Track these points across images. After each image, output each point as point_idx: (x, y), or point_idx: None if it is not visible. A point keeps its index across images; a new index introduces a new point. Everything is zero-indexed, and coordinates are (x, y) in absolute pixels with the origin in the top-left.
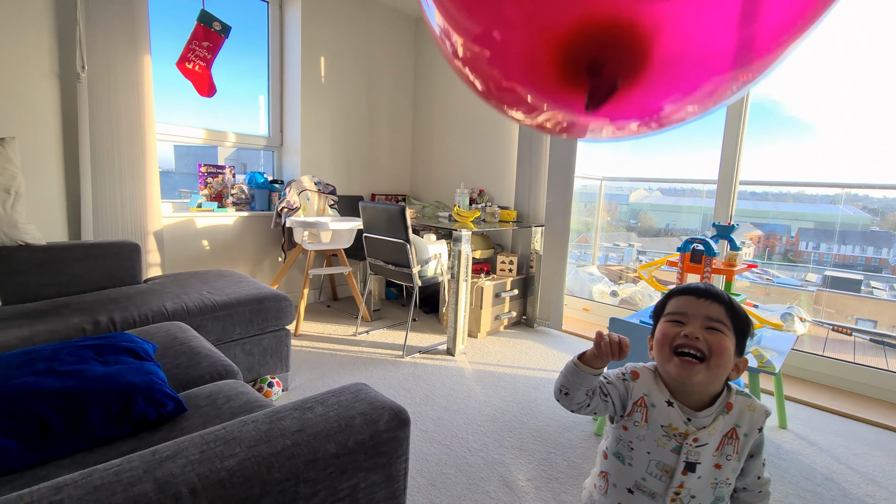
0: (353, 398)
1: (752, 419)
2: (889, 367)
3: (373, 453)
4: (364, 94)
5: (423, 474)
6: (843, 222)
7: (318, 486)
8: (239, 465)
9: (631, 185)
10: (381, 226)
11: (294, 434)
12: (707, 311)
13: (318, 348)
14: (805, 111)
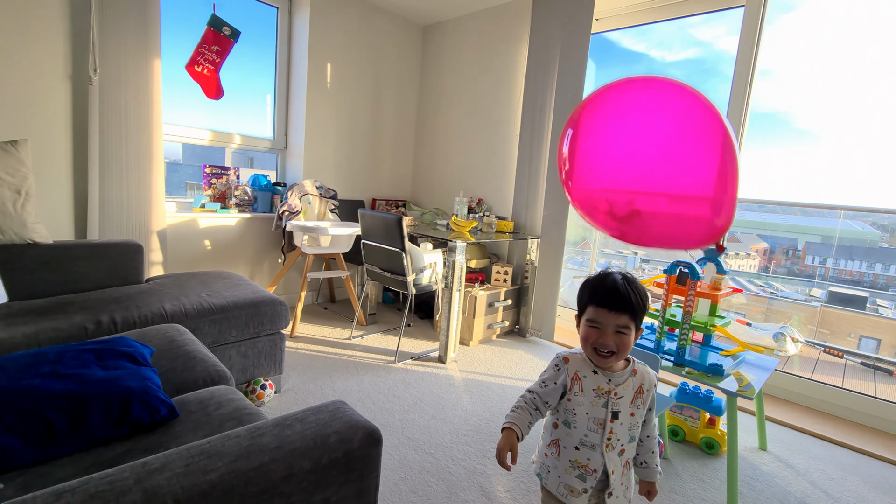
0: (330, 417)
1: (650, 379)
2: (877, 393)
3: (345, 469)
4: (369, 101)
5: (405, 482)
6: (853, 238)
7: (292, 498)
8: (220, 479)
9: None
10: (378, 233)
11: (272, 451)
12: (617, 321)
13: (312, 351)
14: (815, 123)
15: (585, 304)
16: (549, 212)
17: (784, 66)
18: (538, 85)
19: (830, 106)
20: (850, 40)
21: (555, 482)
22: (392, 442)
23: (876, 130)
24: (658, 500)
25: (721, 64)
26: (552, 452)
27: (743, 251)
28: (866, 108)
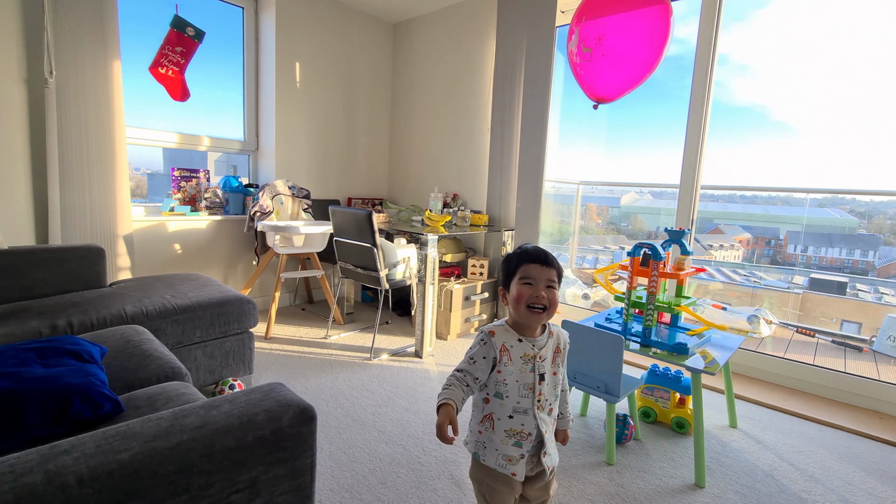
0: (262, 397)
1: (564, 338)
2: (846, 368)
3: (275, 448)
4: (341, 100)
5: (374, 473)
6: (832, 225)
7: (213, 477)
8: (131, 459)
9: (621, 189)
10: (349, 230)
11: (193, 430)
12: (547, 275)
13: (287, 351)
14: (791, 115)
15: (515, 267)
16: (521, 204)
17: (760, 61)
18: (506, 78)
19: (804, 98)
20: (822, 33)
21: (493, 456)
22: (363, 436)
23: (846, 122)
24: (629, 479)
25: (699, 60)
26: (486, 427)
27: (727, 242)
28: (837, 100)
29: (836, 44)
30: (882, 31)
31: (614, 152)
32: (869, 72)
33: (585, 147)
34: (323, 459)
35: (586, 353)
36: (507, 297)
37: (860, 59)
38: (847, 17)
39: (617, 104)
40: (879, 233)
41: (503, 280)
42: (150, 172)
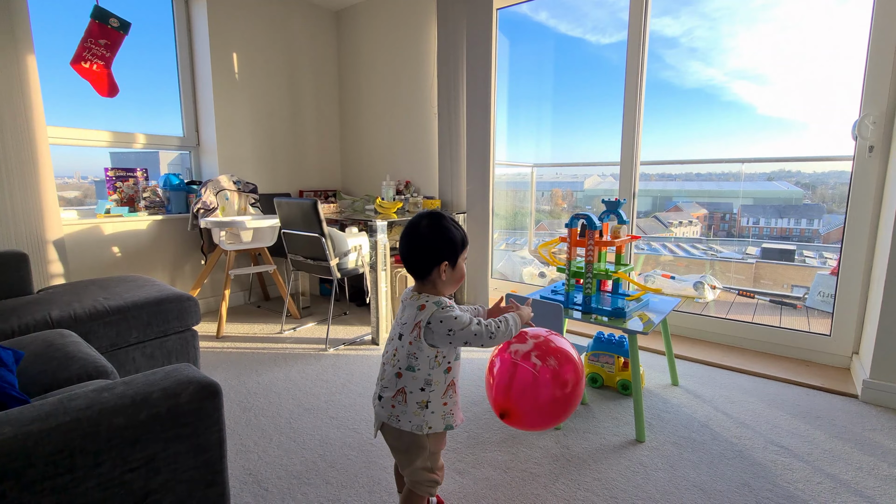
0: (163, 376)
1: None
2: (781, 324)
3: (173, 424)
4: (285, 90)
5: (324, 458)
6: (780, 197)
7: (101, 457)
8: (1, 442)
9: (584, 173)
10: (297, 221)
11: (77, 411)
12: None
13: (239, 348)
14: (740, 95)
15: (462, 247)
16: (472, 186)
17: (711, 44)
18: (450, 62)
19: (752, 78)
20: (770, 17)
21: (457, 416)
22: (314, 423)
23: (790, 101)
24: (574, 441)
25: (653, 45)
26: (450, 394)
27: (685, 219)
28: (781, 80)
29: (784, 25)
30: (824, 13)
31: (565, 135)
32: (810, 51)
33: (536, 131)
34: (272, 449)
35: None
36: (448, 270)
37: (803, 40)
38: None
39: (566, 87)
40: (822, 202)
41: (447, 253)
42: (97, 180)
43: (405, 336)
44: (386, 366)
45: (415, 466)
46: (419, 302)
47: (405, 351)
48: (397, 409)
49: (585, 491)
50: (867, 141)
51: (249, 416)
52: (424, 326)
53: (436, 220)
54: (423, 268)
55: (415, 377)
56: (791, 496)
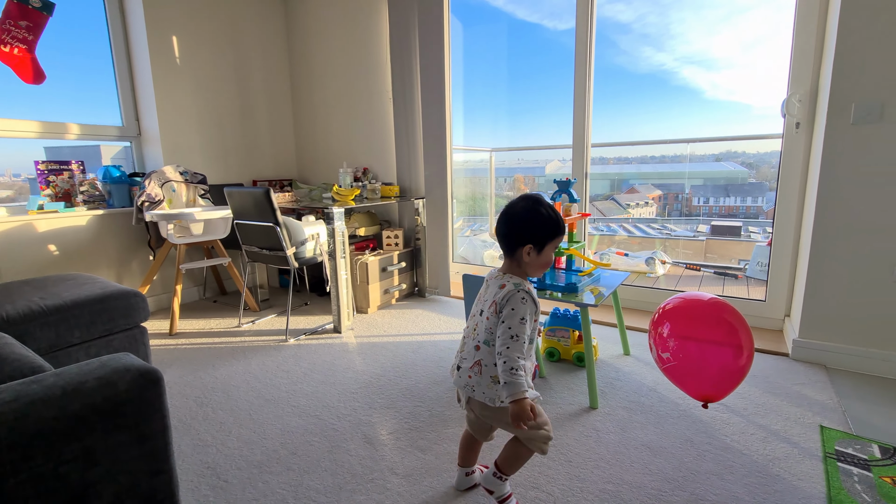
0: (98, 366)
1: None
2: (724, 293)
3: (111, 414)
4: (232, 76)
5: (285, 446)
6: (727, 177)
7: (31, 450)
8: None
9: (545, 158)
10: (249, 211)
11: (3, 404)
12: None
13: (195, 344)
14: (689, 80)
15: (554, 234)
16: (429, 171)
17: (662, 30)
18: (403, 46)
19: (700, 63)
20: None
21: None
22: (275, 413)
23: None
24: None
25: (607, 30)
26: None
27: (641, 200)
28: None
29: (730, 12)
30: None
31: (524, 120)
32: (753, 37)
33: (495, 116)
34: (231, 441)
35: None
36: (532, 254)
37: (746, 26)
38: None
39: (525, 72)
40: (766, 180)
41: (533, 238)
42: (31, 178)
43: (485, 312)
44: (467, 339)
45: (527, 427)
46: (501, 281)
47: (484, 326)
48: (473, 379)
49: (542, 457)
50: (794, 118)
51: (207, 411)
52: (498, 303)
53: (532, 203)
54: (509, 246)
55: (490, 352)
56: (727, 447)
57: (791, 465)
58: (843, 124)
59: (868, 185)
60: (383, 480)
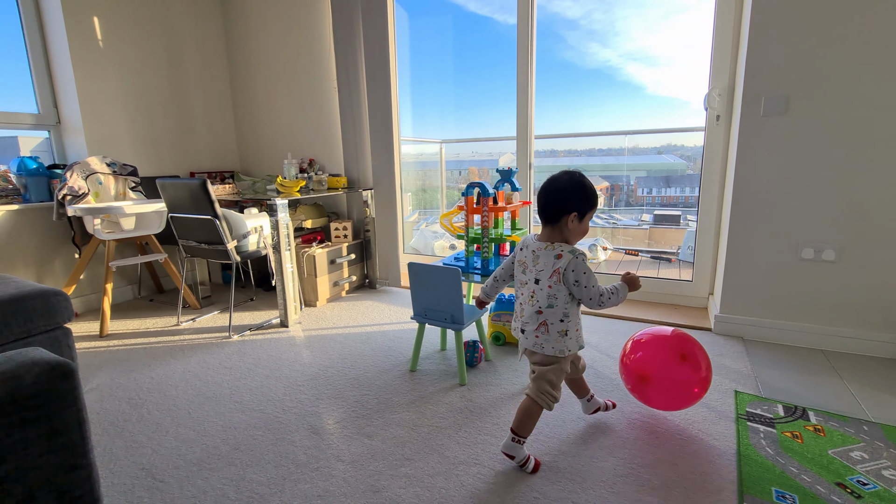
0: (3, 360)
1: None
2: (659, 276)
3: (18, 408)
4: (163, 61)
5: (227, 442)
6: (668, 169)
7: None
8: None
9: (498, 151)
10: (185, 204)
11: None
12: None
13: (129, 345)
14: (636, 75)
15: (594, 205)
16: (377, 162)
17: (607, 26)
18: (346, 34)
19: (643, 60)
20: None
21: (582, 339)
22: (217, 410)
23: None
24: (477, 394)
25: (555, 26)
26: (580, 323)
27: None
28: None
29: (669, 11)
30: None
31: (476, 112)
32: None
33: (446, 108)
34: (168, 441)
35: (433, 290)
36: (574, 222)
37: (684, 24)
38: None
39: (477, 64)
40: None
41: (578, 206)
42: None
43: (542, 281)
44: (524, 305)
45: (546, 378)
46: (555, 252)
47: (544, 293)
48: (541, 338)
49: (485, 435)
50: (715, 111)
51: (142, 412)
52: (563, 272)
53: (576, 176)
54: (555, 214)
55: (554, 312)
56: (654, 415)
57: (708, 427)
58: (755, 116)
59: (776, 173)
60: (329, 468)
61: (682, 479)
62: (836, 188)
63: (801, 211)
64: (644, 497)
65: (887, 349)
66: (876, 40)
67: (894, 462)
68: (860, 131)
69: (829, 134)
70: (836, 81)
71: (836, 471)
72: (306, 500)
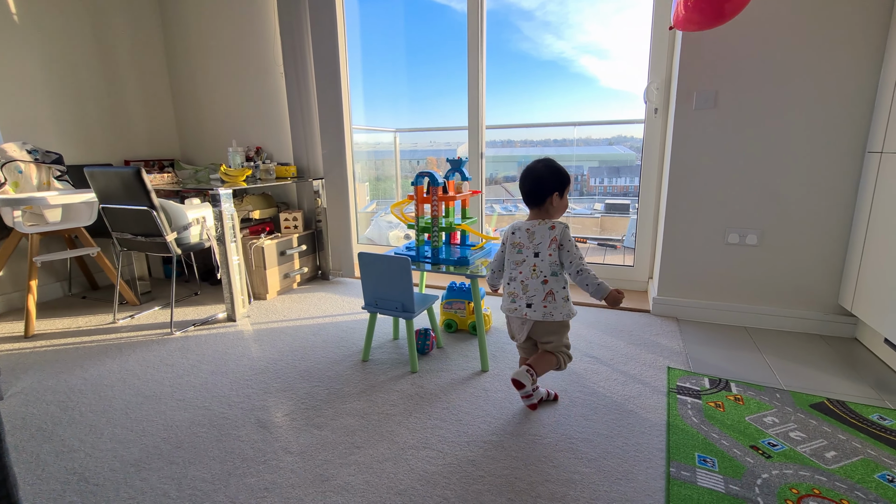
0: None
1: None
2: (605, 261)
3: None
4: (90, 39)
5: (168, 441)
6: (618, 159)
7: None
8: None
9: (456, 141)
10: (118, 194)
11: None
12: None
13: (58, 346)
14: (589, 67)
15: (566, 185)
16: (327, 150)
17: (561, 18)
18: (291, 16)
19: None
20: None
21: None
22: (157, 409)
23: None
24: (428, 380)
25: (511, 16)
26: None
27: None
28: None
29: (621, 6)
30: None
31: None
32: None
33: (400, 97)
34: (103, 443)
35: (383, 280)
36: (556, 200)
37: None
38: None
39: (434, 54)
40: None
41: (557, 186)
42: None
43: (542, 252)
44: (527, 281)
45: (562, 342)
46: (548, 225)
47: (547, 262)
48: (549, 307)
49: (435, 419)
50: (654, 104)
51: (73, 415)
52: (559, 239)
53: (549, 163)
54: (540, 197)
55: (558, 280)
56: (594, 392)
57: (642, 401)
58: (688, 110)
59: (706, 163)
60: (276, 460)
61: (617, 449)
62: (757, 178)
63: (727, 199)
64: (581, 468)
65: (801, 324)
66: (787, 42)
67: (801, 424)
68: (776, 126)
69: (751, 128)
70: (755, 78)
71: (751, 434)
72: (252, 494)
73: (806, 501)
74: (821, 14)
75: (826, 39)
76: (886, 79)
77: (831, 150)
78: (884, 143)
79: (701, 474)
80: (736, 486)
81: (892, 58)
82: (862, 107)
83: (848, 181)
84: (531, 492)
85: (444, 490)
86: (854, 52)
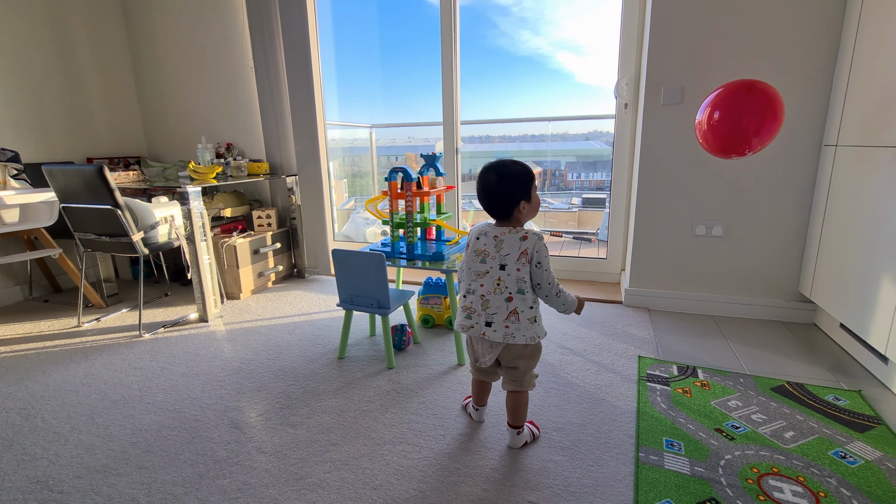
0: None
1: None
2: (580, 255)
3: None
4: (47, 32)
5: (137, 445)
6: (595, 154)
7: None
8: None
9: (435, 137)
10: (79, 193)
11: None
12: None
13: (18, 351)
14: (565, 63)
15: (530, 184)
16: (301, 146)
17: (538, 14)
18: (261, 8)
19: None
20: None
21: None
22: (125, 413)
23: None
24: (405, 376)
25: (488, 11)
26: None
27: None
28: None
29: (598, 2)
30: None
31: (410, 97)
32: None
33: (375, 92)
34: (67, 450)
35: (358, 277)
36: (525, 207)
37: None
38: None
39: (411, 49)
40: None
41: (522, 193)
42: None
43: (510, 265)
44: (488, 296)
45: (529, 368)
46: (519, 234)
47: (514, 277)
48: (511, 328)
49: (411, 414)
50: (623, 100)
51: (35, 423)
52: (530, 253)
53: (500, 169)
54: (506, 210)
55: (524, 299)
56: (568, 383)
57: (614, 390)
58: (656, 105)
59: (674, 157)
60: (250, 461)
61: (589, 437)
62: (723, 172)
63: (694, 192)
64: (555, 457)
65: (764, 311)
66: (750, 42)
67: (762, 407)
68: None
69: None
70: (720, 75)
71: (716, 418)
72: (225, 495)
73: (766, 480)
74: (781, 19)
75: (785, 40)
76: (839, 76)
77: (792, 144)
78: (838, 136)
79: (668, 458)
80: (701, 468)
81: (844, 59)
82: (818, 102)
83: (806, 174)
84: (506, 481)
85: (420, 483)
86: (811, 52)
